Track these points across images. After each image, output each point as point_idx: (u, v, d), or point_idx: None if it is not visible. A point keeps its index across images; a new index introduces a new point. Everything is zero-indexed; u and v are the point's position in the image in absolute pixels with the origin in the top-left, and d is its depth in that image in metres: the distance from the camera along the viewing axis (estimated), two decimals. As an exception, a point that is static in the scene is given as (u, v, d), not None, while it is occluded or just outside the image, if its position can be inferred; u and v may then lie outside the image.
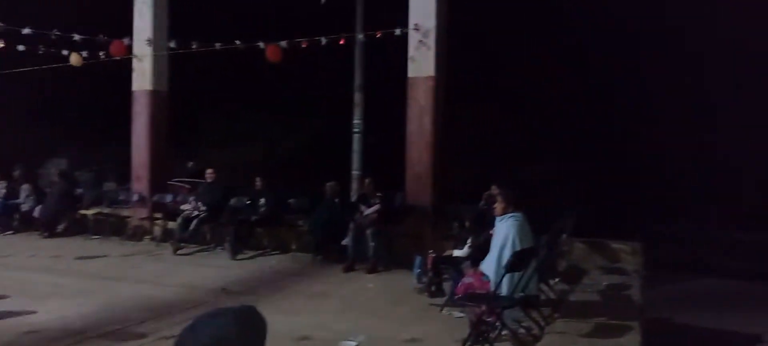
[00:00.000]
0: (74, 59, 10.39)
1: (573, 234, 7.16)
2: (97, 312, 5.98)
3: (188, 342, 1.52)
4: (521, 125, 17.40)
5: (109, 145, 15.41)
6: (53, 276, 7.62)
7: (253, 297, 6.55)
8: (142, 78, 10.53)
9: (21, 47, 10.41)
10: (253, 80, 16.73)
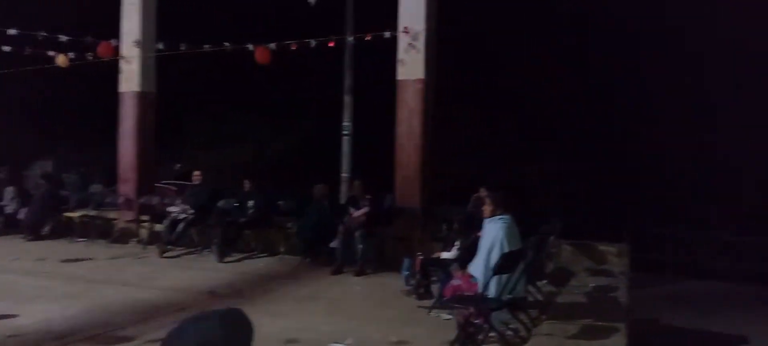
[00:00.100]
0: (61, 60, 10.31)
1: (560, 236, 7.20)
2: (82, 315, 5.92)
3: (174, 345, 1.51)
4: (511, 127, 17.49)
5: (96, 146, 15.29)
6: (37, 279, 7.53)
7: (241, 300, 6.52)
8: (130, 80, 10.46)
9: (7, 48, 10.31)
10: (242, 82, 16.69)
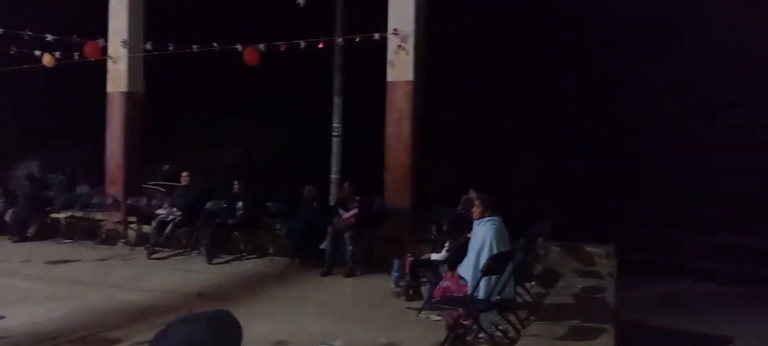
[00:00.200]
0: (47, 60, 10.22)
1: (549, 238, 7.23)
2: (69, 317, 5.86)
3: (161, 348, 1.49)
4: (500, 129, 17.55)
5: (83, 147, 15.17)
6: (23, 281, 7.44)
7: (229, 302, 6.48)
8: (117, 80, 10.38)
9: (-9, 47, 10.21)
10: (231, 83, 16.63)
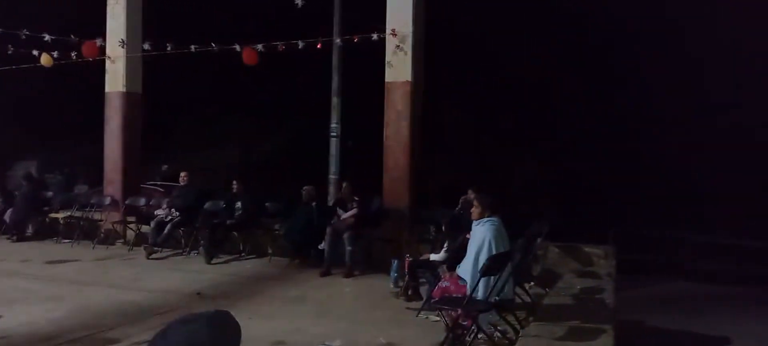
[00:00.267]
0: (45, 60, 10.20)
1: (548, 238, 7.23)
2: (68, 317, 5.85)
3: (160, 348, 1.49)
4: (499, 129, 17.55)
5: (81, 147, 15.15)
6: (22, 281, 7.43)
7: (228, 302, 6.48)
8: (115, 80, 10.37)
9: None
10: (230, 83, 16.63)
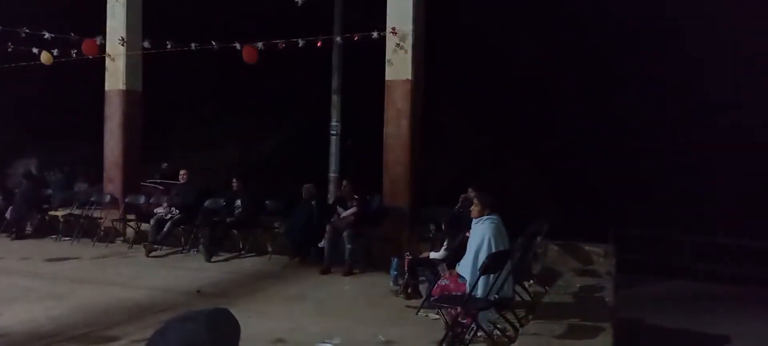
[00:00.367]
0: (45, 58, 10.20)
1: (547, 237, 7.23)
2: (67, 315, 5.86)
3: (159, 345, 1.49)
4: (499, 127, 17.54)
5: (81, 145, 15.14)
6: (21, 279, 7.43)
7: (228, 300, 6.48)
8: (115, 78, 10.36)
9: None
10: (229, 81, 16.61)
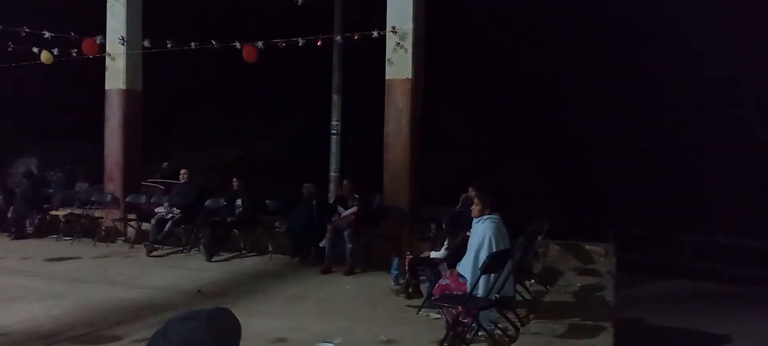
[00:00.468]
0: (45, 57, 10.20)
1: (548, 236, 7.22)
2: (68, 315, 5.86)
3: (160, 345, 1.49)
4: (499, 127, 17.54)
5: (82, 144, 15.15)
6: (22, 278, 7.43)
7: (229, 299, 6.48)
8: (115, 77, 10.36)
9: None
10: (230, 81, 16.62)
